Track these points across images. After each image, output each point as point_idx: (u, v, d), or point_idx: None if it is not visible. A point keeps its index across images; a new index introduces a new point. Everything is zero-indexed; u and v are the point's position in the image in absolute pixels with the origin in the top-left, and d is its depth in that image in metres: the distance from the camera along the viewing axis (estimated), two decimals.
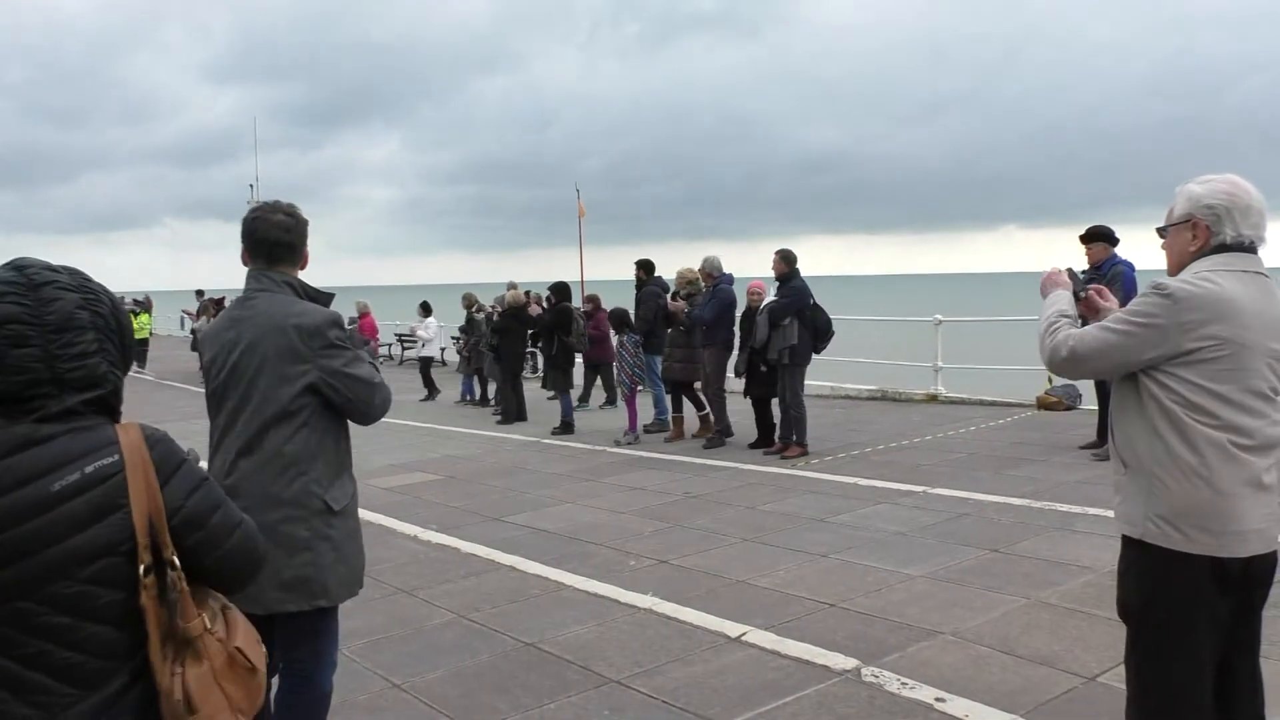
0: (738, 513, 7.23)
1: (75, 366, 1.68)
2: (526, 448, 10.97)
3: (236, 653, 1.79)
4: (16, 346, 1.64)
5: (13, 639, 1.60)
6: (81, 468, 1.63)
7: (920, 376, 13.39)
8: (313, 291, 2.99)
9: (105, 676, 1.66)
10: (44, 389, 1.65)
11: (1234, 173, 2.65)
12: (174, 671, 1.71)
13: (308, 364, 2.84)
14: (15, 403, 1.65)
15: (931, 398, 12.72)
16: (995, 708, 3.78)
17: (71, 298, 1.70)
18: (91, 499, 1.62)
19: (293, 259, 2.99)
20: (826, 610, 4.99)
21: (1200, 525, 2.49)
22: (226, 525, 1.82)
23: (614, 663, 4.42)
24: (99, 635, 1.64)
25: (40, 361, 1.64)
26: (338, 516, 2.93)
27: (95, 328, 1.71)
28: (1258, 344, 2.48)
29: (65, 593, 1.61)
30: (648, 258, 11.32)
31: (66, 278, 1.72)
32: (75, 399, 1.67)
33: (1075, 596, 4.99)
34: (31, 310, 1.66)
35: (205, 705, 1.72)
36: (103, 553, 1.63)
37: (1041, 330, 2.75)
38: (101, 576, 1.63)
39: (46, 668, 1.61)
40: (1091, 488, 7.26)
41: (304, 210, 3.05)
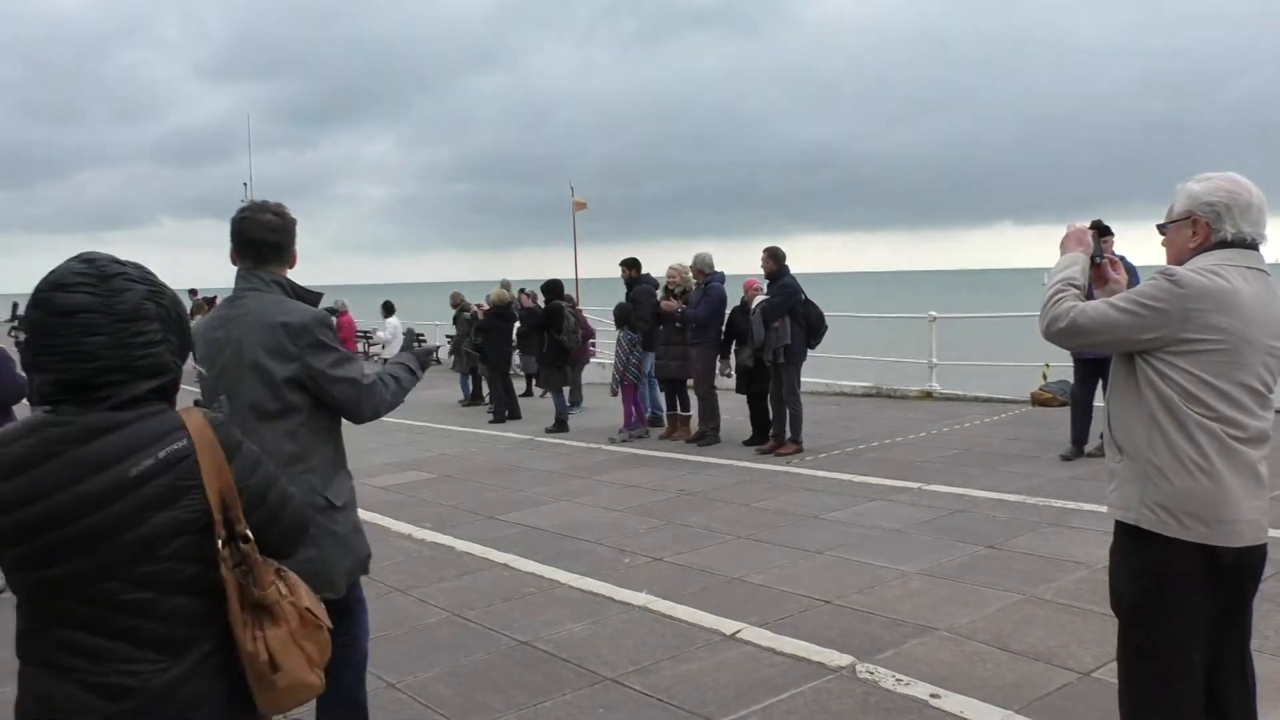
0: (732, 510, 7.22)
1: (143, 355, 1.76)
2: (520, 446, 10.96)
3: (307, 612, 1.90)
4: (89, 335, 1.71)
5: (103, 616, 1.69)
6: (155, 453, 1.71)
7: (915, 373, 13.40)
8: (301, 290, 3.02)
9: (191, 644, 1.75)
10: (113, 376, 1.73)
11: (1229, 170, 2.65)
12: (255, 635, 1.80)
13: (295, 362, 2.86)
14: (85, 390, 1.72)
15: (926, 394, 12.73)
16: (990, 703, 3.78)
17: (139, 289, 1.78)
18: (166, 481, 1.72)
19: (281, 258, 3.02)
20: (821, 607, 4.99)
21: (1196, 514, 2.49)
22: (282, 499, 1.94)
23: (609, 661, 4.41)
24: (183, 607, 1.74)
25: (111, 349, 1.72)
26: (340, 511, 2.99)
27: (160, 318, 1.79)
28: (1256, 340, 2.48)
29: (148, 570, 1.70)
30: (634, 256, 11.31)
31: (133, 269, 1.80)
32: (143, 386, 1.76)
33: (1069, 592, 4.99)
34: (103, 300, 1.73)
35: (287, 663, 1.83)
36: (180, 531, 1.72)
37: (1047, 293, 2.73)
38: (181, 553, 1.73)
39: (135, 639, 1.71)
40: (1086, 484, 7.27)
41: (299, 208, 3.08)
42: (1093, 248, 2.86)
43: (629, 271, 11.20)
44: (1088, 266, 2.81)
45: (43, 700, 1.72)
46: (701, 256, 10.22)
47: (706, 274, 10.12)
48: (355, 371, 2.96)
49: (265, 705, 1.84)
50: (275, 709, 1.86)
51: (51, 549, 1.67)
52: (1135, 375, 2.58)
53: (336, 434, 3.05)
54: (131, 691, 1.70)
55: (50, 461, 1.69)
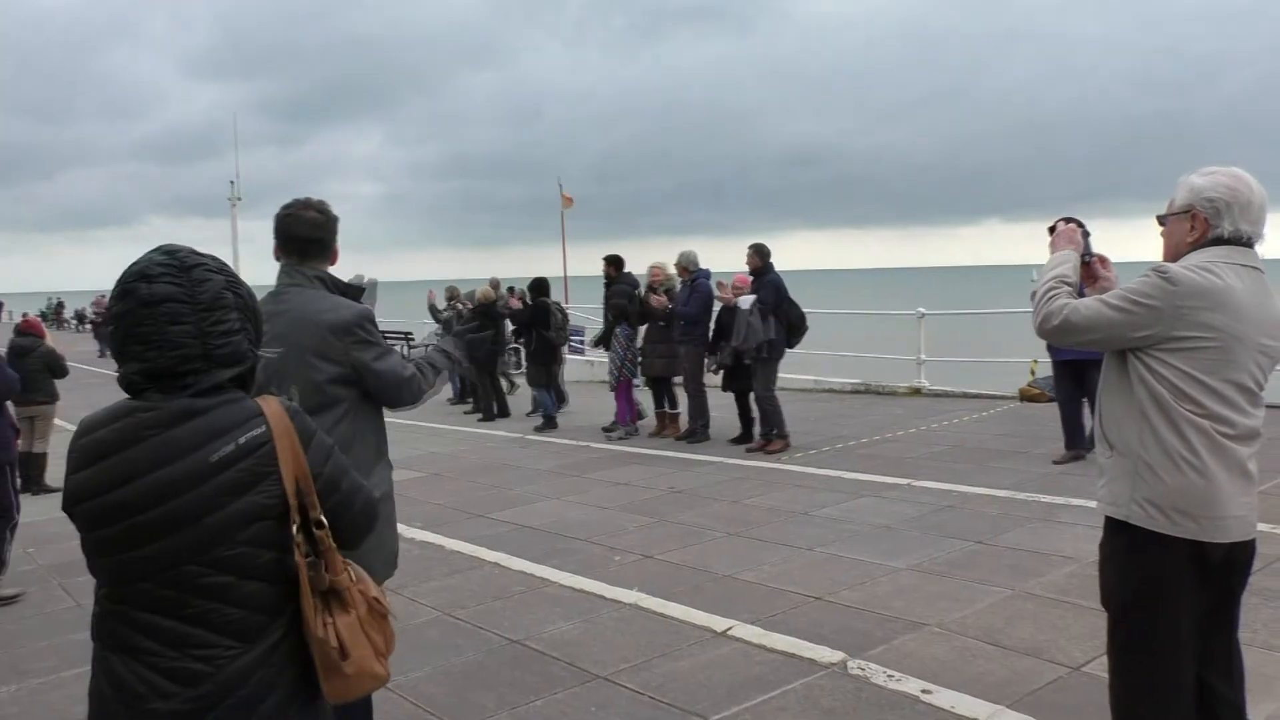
0: (723, 507, 7.23)
1: (223, 343, 1.80)
2: (510, 444, 10.94)
3: (375, 601, 1.93)
4: (174, 324, 1.75)
5: (180, 599, 1.72)
6: (235, 439, 1.75)
7: (903, 370, 13.43)
8: (343, 286, 3.10)
9: (263, 629, 1.78)
10: (195, 364, 1.77)
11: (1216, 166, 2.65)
12: (325, 621, 1.82)
13: (340, 357, 2.94)
14: (169, 378, 1.77)
15: (915, 391, 12.76)
16: (981, 698, 3.79)
17: (219, 279, 1.82)
18: (246, 467, 1.75)
19: (323, 255, 3.09)
20: (812, 604, 5.00)
21: (1185, 510, 2.50)
22: (354, 488, 1.98)
23: (600, 659, 4.41)
24: (258, 592, 1.77)
25: (194, 338, 1.76)
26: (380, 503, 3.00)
27: (238, 308, 1.83)
28: (1248, 338, 2.49)
29: (226, 555, 1.73)
30: (617, 254, 11.27)
31: (211, 261, 1.85)
32: (223, 374, 1.80)
33: (1059, 587, 5.01)
34: (186, 290, 1.77)
35: (356, 650, 1.85)
36: (258, 516, 1.76)
37: (1040, 291, 2.73)
38: (258, 538, 1.76)
39: (211, 624, 1.73)
40: (1074, 479, 7.30)
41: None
42: (1083, 246, 2.88)
43: (611, 269, 11.17)
44: (1079, 264, 2.83)
45: (117, 683, 1.75)
46: (686, 254, 10.22)
47: (692, 271, 10.11)
48: (396, 364, 3.06)
49: (332, 694, 1.87)
50: (341, 697, 1.88)
51: (138, 531, 1.72)
52: (1127, 372, 2.59)
53: (380, 425, 3.14)
54: (205, 677, 1.72)
55: (138, 445, 1.74)
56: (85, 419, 1.82)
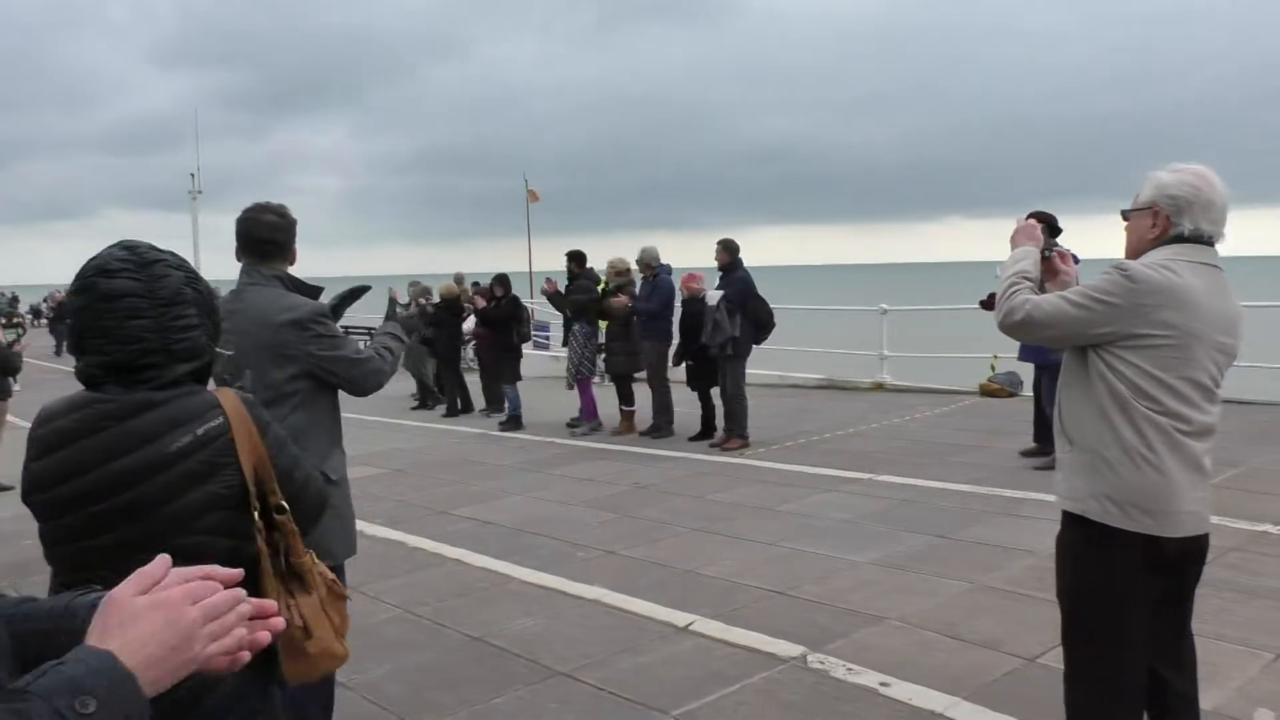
0: (686, 503, 7.23)
1: (182, 339, 1.83)
2: (474, 440, 10.89)
3: (334, 582, 2.01)
4: (133, 318, 1.78)
5: None
6: (193, 430, 1.79)
7: (866, 365, 13.52)
8: (300, 284, 3.24)
9: None
10: (154, 359, 1.80)
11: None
12: (289, 603, 1.88)
13: (297, 352, 3.08)
14: (128, 372, 1.79)
15: (878, 386, 12.85)
16: (939, 690, 3.82)
17: (178, 275, 1.85)
18: (204, 458, 1.79)
19: (282, 255, 3.26)
20: (774, 598, 5.02)
21: (1140, 505, 2.53)
22: (307, 478, 2.03)
23: (561, 655, 4.39)
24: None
25: (153, 333, 1.79)
26: (335, 486, 3.19)
27: (196, 304, 1.86)
28: (1206, 336, 2.52)
29: (184, 543, 1.72)
30: (579, 249, 11.25)
31: (170, 257, 1.87)
32: (182, 369, 1.83)
33: (1018, 580, 5.06)
34: (146, 285, 1.80)
35: (319, 629, 1.92)
36: (216, 505, 1.80)
37: (1001, 287, 2.76)
38: (216, 527, 1.80)
39: None
40: (1034, 473, 7.38)
41: (249, 200, 3.31)
42: (1043, 241, 2.90)
43: (573, 264, 11.14)
44: (1039, 260, 2.85)
45: None
46: (648, 250, 10.21)
47: (654, 267, 10.11)
48: (350, 351, 3.20)
49: (295, 675, 1.91)
50: (305, 677, 1.93)
51: (96, 520, 1.75)
52: (1087, 368, 2.61)
53: (335, 413, 3.29)
54: None
55: (97, 435, 1.77)
56: (45, 408, 1.85)
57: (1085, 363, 2.61)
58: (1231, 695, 3.68)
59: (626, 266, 10.41)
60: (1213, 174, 2.62)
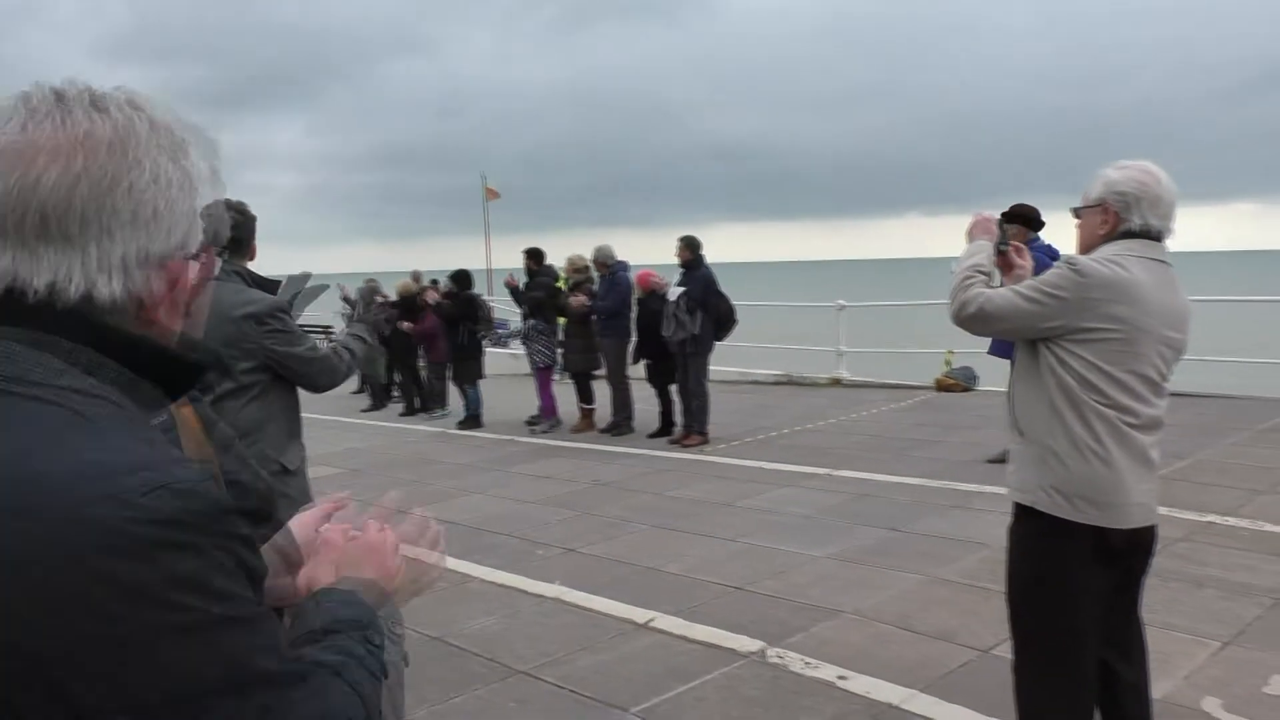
0: (646, 499, 7.24)
1: None
2: (432, 439, 10.82)
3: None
4: None
5: None
6: None
7: (824, 361, 13.61)
8: (260, 279, 3.35)
9: None
10: None
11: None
12: None
13: (254, 345, 3.19)
14: None
15: (835, 381, 12.94)
16: (894, 683, 3.87)
17: None
18: None
19: (241, 251, 3.37)
20: (733, 594, 5.04)
21: (1088, 497, 2.57)
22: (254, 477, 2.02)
23: (521, 654, 4.38)
24: None
25: None
26: (293, 476, 3.30)
27: None
28: (1153, 330, 2.56)
29: None
30: (537, 247, 11.23)
31: None
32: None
33: (971, 572, 5.13)
34: None
35: None
36: None
37: (955, 281, 2.79)
38: None
39: None
40: (987, 466, 7.48)
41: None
42: (998, 236, 2.94)
43: (531, 262, 11.11)
44: (993, 254, 2.89)
45: None
46: (603, 249, 10.20)
47: (610, 265, 10.11)
48: (305, 349, 3.32)
49: None
50: None
51: None
52: (1038, 362, 2.66)
53: (293, 406, 3.40)
54: None
55: None
56: None
57: (1036, 356, 2.66)
58: (1180, 684, 3.76)
59: (586, 264, 10.38)
60: (1159, 170, 2.67)
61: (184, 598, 0.75)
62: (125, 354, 0.88)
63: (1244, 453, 7.63)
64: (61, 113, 0.86)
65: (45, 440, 0.79)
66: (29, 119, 0.85)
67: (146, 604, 0.74)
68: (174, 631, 0.75)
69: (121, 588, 0.73)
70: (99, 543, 0.73)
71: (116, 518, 0.74)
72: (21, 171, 0.83)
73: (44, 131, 0.85)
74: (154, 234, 0.88)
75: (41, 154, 0.84)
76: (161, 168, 0.89)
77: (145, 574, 0.74)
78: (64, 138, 0.85)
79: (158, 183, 0.88)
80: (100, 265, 0.86)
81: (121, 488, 0.76)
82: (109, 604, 0.73)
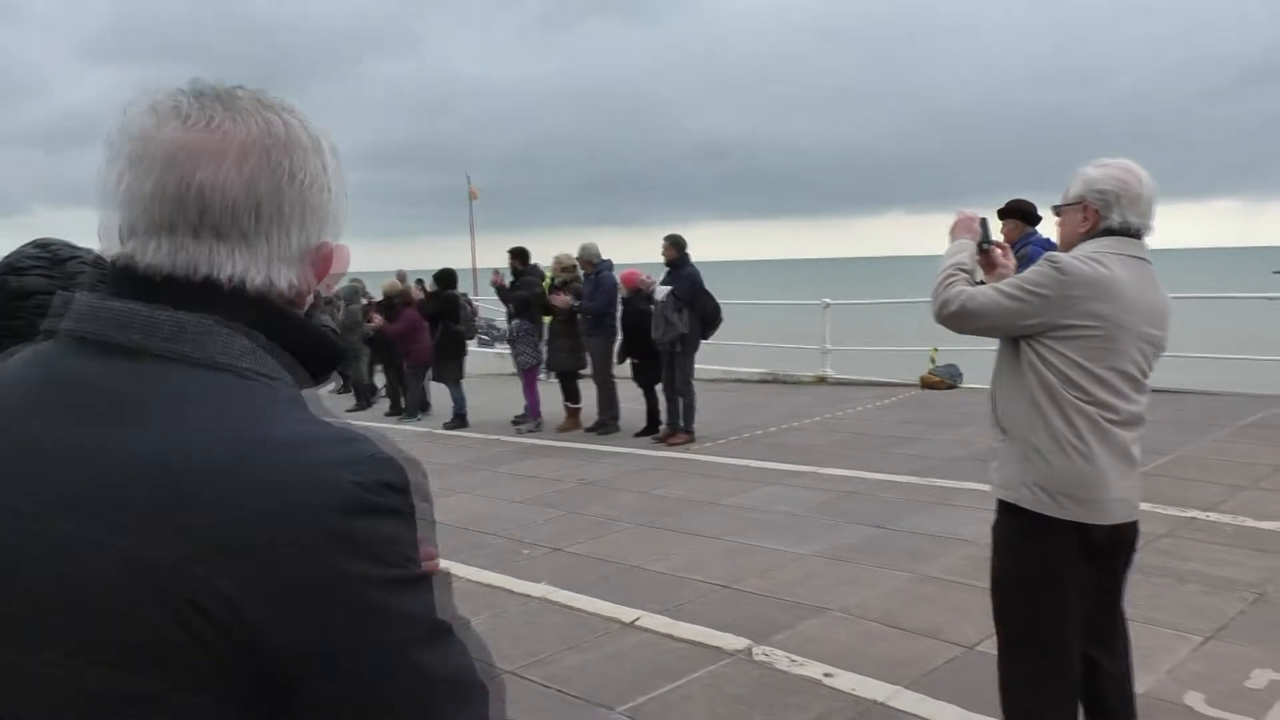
0: (632, 498, 7.24)
1: None
2: (418, 439, 10.78)
3: None
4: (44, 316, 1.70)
5: None
6: None
7: (810, 359, 13.64)
8: None
9: None
10: None
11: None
12: None
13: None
14: None
15: (820, 379, 12.97)
16: (880, 680, 3.88)
17: (94, 272, 1.74)
18: None
19: None
20: (719, 592, 5.05)
21: (1070, 494, 2.59)
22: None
23: (507, 654, 4.37)
24: None
25: None
26: None
27: None
28: (1133, 327, 2.58)
29: None
30: (522, 246, 11.20)
31: (86, 254, 1.81)
32: None
33: (956, 569, 5.15)
34: (58, 283, 1.72)
35: None
36: None
37: (937, 279, 2.81)
38: None
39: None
40: (971, 463, 7.50)
41: None
42: (981, 234, 2.95)
43: (516, 262, 11.08)
44: (975, 252, 2.90)
45: None
46: (588, 247, 10.18)
47: (595, 264, 10.10)
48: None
49: None
50: None
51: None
52: (1019, 359, 2.67)
53: None
54: None
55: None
56: None
57: (1017, 354, 2.67)
58: (1163, 678, 3.78)
59: (573, 263, 10.36)
60: (1138, 168, 2.69)
61: (393, 555, 0.84)
62: (291, 338, 0.96)
63: (1226, 449, 7.69)
64: (237, 113, 0.92)
65: (261, 411, 0.87)
66: (206, 117, 0.91)
67: (365, 559, 0.82)
68: (385, 584, 0.84)
69: (350, 543, 0.82)
70: (332, 502, 0.82)
71: (346, 481, 0.83)
72: (213, 168, 0.90)
73: (226, 130, 0.91)
74: (313, 227, 0.97)
75: (230, 152, 0.90)
76: (313, 165, 0.96)
77: (367, 532, 0.83)
78: (245, 137, 0.91)
79: (315, 179, 0.96)
80: (279, 256, 0.94)
81: (345, 456, 0.85)
82: (337, 557, 0.81)
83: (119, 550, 0.79)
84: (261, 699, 0.82)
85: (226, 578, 0.79)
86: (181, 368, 0.89)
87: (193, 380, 0.88)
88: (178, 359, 0.89)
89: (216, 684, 0.80)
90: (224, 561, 0.79)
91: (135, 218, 0.92)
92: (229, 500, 0.80)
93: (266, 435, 0.85)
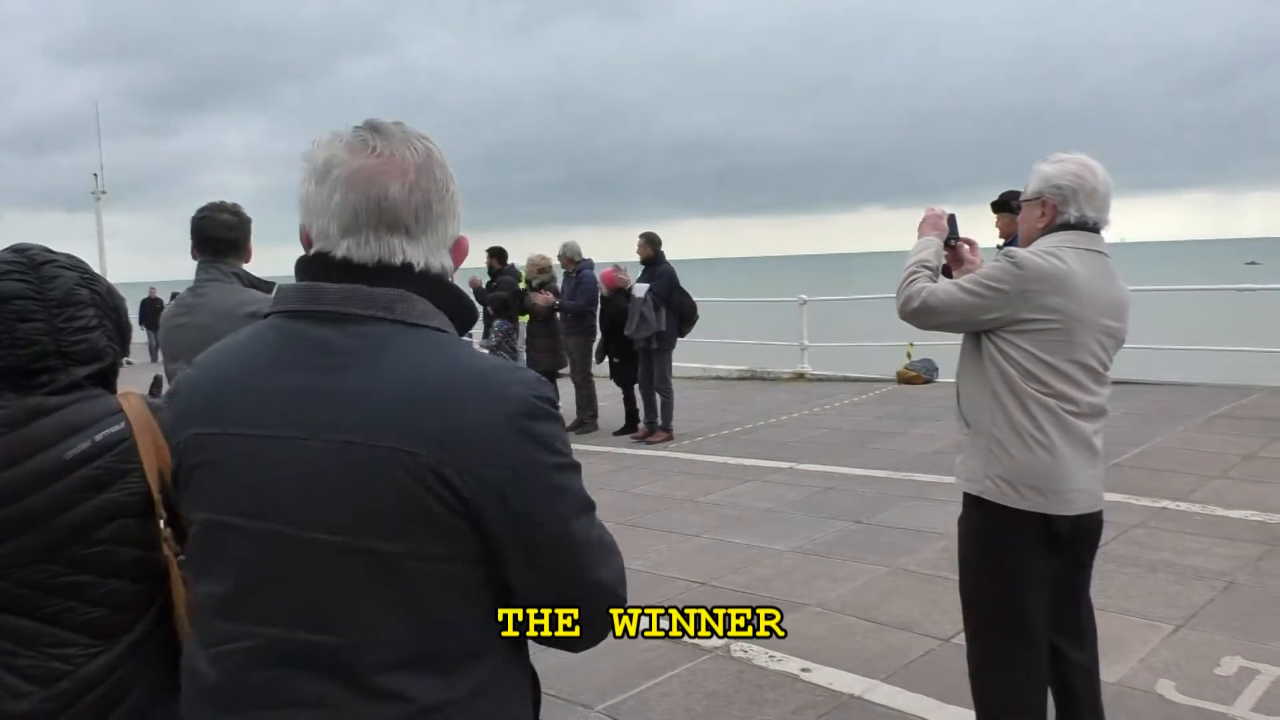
0: (611, 496, 7.26)
1: (78, 340, 1.78)
2: None
3: None
4: (23, 321, 1.73)
5: (35, 599, 1.70)
6: (91, 436, 1.73)
7: (788, 355, 13.70)
8: (256, 281, 3.35)
9: (126, 627, 1.76)
10: (50, 362, 1.75)
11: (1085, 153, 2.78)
12: None
13: None
14: (23, 376, 1.74)
15: (799, 376, 13.04)
16: (857, 674, 3.92)
17: (71, 275, 1.80)
18: (103, 465, 1.73)
19: (237, 253, 3.39)
20: (698, 589, 5.07)
21: (1032, 485, 2.63)
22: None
23: None
24: (120, 590, 1.75)
25: (46, 335, 1.74)
26: None
27: (94, 304, 1.82)
28: (1091, 320, 2.62)
29: (85, 553, 1.71)
30: (500, 245, 11.19)
31: (64, 258, 1.84)
32: (80, 372, 1.78)
33: (932, 563, 5.20)
34: (35, 287, 1.75)
35: None
36: (117, 514, 1.73)
37: (901, 276, 2.84)
38: (118, 536, 1.74)
39: (69, 623, 1.71)
40: (946, 458, 7.56)
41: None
42: (948, 231, 2.99)
43: (494, 261, 11.06)
44: (941, 249, 2.94)
45: None
46: (569, 245, 10.17)
47: (576, 262, 10.09)
48: None
49: None
50: None
51: None
52: (981, 353, 2.71)
53: None
54: (62, 675, 1.70)
55: None
56: None
57: (979, 348, 2.72)
58: (1135, 667, 3.84)
59: (548, 263, 10.35)
60: (1094, 162, 2.73)
61: (562, 447, 1.25)
62: (449, 303, 1.30)
63: (1196, 439, 7.79)
64: (403, 143, 1.27)
65: (460, 353, 1.24)
66: (387, 148, 1.25)
67: (546, 449, 1.22)
68: (560, 469, 1.24)
69: (536, 438, 1.21)
70: (520, 410, 1.20)
71: (527, 395, 1.21)
72: (396, 185, 1.24)
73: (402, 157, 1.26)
74: (453, 223, 1.33)
75: (408, 172, 1.25)
76: (448, 175, 1.31)
77: (545, 430, 1.22)
78: (412, 161, 1.26)
79: (451, 187, 1.31)
80: (442, 245, 1.31)
81: (519, 378, 1.23)
82: (529, 448, 1.20)
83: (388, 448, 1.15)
84: (486, 553, 1.20)
85: (454, 466, 1.15)
86: (391, 326, 1.23)
87: (401, 334, 1.22)
88: (391, 320, 1.23)
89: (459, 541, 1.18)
90: (452, 453, 1.15)
91: (345, 223, 1.24)
92: (451, 411, 1.17)
93: (465, 366, 1.21)
